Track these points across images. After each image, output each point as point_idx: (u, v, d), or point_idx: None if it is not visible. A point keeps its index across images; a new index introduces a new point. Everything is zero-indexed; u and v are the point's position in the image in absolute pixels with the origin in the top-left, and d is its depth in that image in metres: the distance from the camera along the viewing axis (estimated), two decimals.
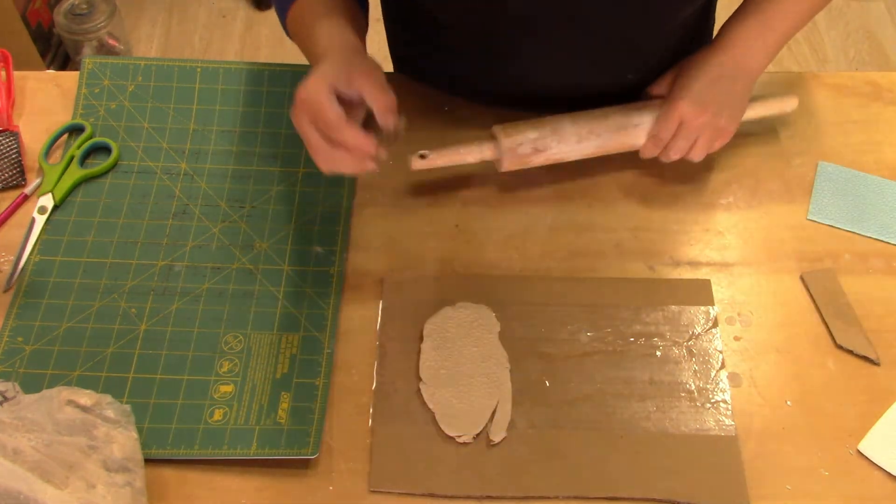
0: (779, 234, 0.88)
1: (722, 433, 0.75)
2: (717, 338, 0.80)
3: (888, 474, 0.73)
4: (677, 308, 0.82)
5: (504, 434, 0.74)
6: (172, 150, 0.91)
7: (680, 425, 0.75)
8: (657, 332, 0.80)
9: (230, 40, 2.24)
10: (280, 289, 0.82)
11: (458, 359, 0.78)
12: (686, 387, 0.77)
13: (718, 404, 0.76)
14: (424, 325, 0.80)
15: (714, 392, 0.77)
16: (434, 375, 0.77)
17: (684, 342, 0.80)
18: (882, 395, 0.77)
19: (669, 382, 0.77)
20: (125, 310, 0.81)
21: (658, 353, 0.79)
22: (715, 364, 0.79)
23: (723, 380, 0.78)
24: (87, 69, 0.95)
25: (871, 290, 0.84)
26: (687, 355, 0.79)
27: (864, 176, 0.92)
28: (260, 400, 0.76)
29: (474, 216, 0.88)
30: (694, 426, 0.75)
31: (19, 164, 0.90)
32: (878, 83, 1.00)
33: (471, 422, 0.74)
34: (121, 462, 0.67)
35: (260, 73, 0.96)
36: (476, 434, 0.74)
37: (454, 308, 0.81)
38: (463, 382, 0.76)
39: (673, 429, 0.75)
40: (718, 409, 0.76)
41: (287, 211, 0.88)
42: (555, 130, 0.85)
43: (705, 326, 0.81)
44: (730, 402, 0.76)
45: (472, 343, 0.79)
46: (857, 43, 2.25)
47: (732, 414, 0.76)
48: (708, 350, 0.79)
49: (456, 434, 0.74)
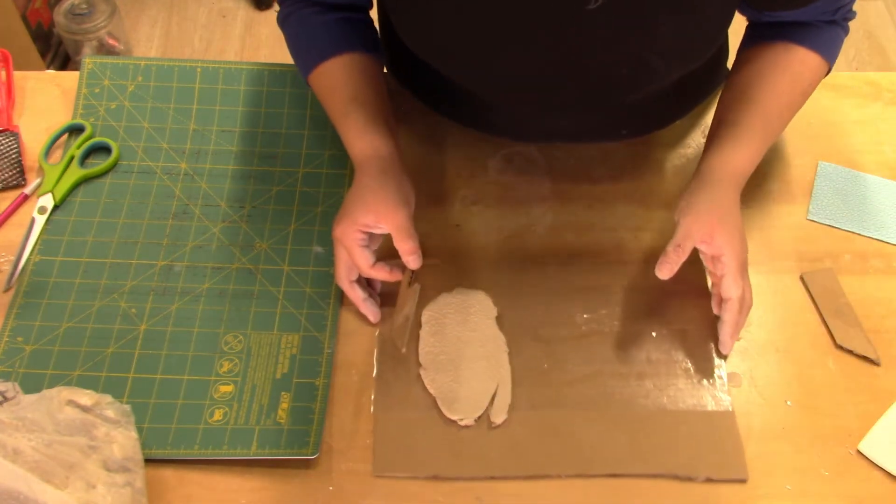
0: (779, 234, 0.88)
1: (719, 408, 0.76)
2: (711, 316, 0.81)
3: (888, 474, 0.73)
4: (671, 287, 0.82)
5: (505, 416, 0.75)
6: (172, 150, 0.91)
7: (677, 402, 0.76)
8: (652, 312, 0.81)
9: (230, 40, 2.24)
10: (280, 289, 0.82)
11: (456, 344, 0.79)
12: (682, 365, 0.78)
13: (715, 381, 0.78)
14: (422, 312, 0.81)
15: (710, 369, 0.79)
16: (433, 361, 0.78)
17: (679, 321, 0.81)
18: (882, 395, 0.77)
19: (666, 361, 0.79)
20: (125, 310, 0.80)
21: (654, 333, 0.80)
22: (709, 341, 0.80)
23: (717, 356, 0.79)
24: (87, 69, 0.95)
25: (871, 290, 0.84)
26: (682, 334, 0.80)
27: (864, 176, 0.92)
28: (260, 400, 0.76)
29: (474, 216, 0.88)
30: (691, 402, 0.76)
31: (19, 164, 0.90)
32: (878, 83, 1.00)
33: (472, 405, 0.75)
34: (121, 462, 0.67)
35: (260, 73, 0.96)
36: (477, 417, 0.75)
37: (451, 294, 0.82)
38: (462, 367, 0.77)
39: (671, 405, 0.76)
40: (715, 385, 0.77)
41: (287, 211, 0.88)
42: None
43: (700, 304, 0.82)
44: (725, 379, 0.78)
45: (471, 328, 0.80)
46: (857, 43, 2.25)
47: (728, 389, 0.77)
48: (702, 328, 0.81)
49: (457, 417, 0.75)
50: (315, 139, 0.92)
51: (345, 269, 0.79)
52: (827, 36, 0.82)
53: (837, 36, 0.83)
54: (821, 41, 0.82)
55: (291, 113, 0.94)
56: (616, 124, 0.92)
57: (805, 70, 0.82)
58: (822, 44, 0.82)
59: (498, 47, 0.75)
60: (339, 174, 0.90)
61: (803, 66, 0.82)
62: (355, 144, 0.81)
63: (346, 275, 0.79)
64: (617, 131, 0.92)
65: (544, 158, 0.92)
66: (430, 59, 0.80)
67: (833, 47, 0.83)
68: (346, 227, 0.77)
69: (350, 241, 0.77)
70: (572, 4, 0.68)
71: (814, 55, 0.81)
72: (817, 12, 0.79)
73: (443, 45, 0.77)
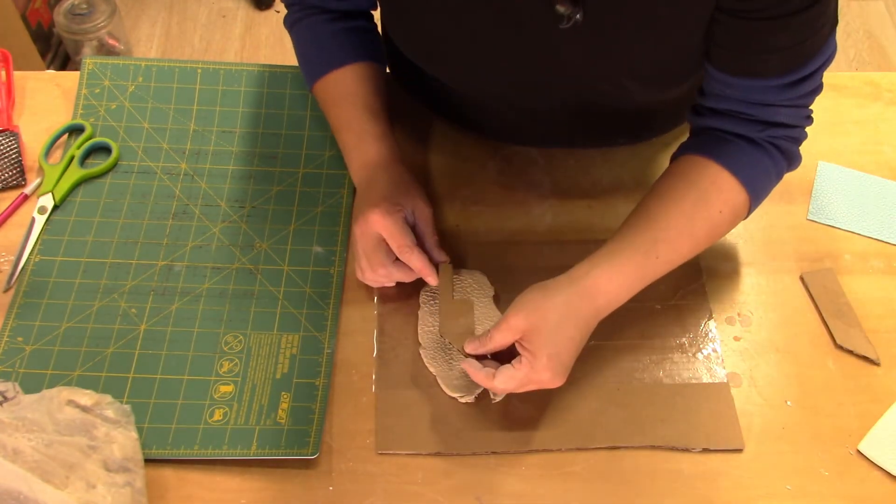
0: (779, 234, 0.88)
1: (714, 380, 0.77)
2: (703, 291, 0.82)
3: (888, 474, 0.73)
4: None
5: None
6: (172, 151, 0.91)
7: (673, 375, 0.78)
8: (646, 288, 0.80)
9: (230, 40, 2.24)
10: (280, 289, 0.82)
11: None
12: (677, 339, 0.80)
13: (709, 354, 0.79)
14: (420, 293, 0.82)
15: (704, 342, 0.80)
16: (433, 340, 0.79)
17: (673, 296, 0.82)
18: (882, 395, 0.77)
19: (661, 335, 0.80)
20: (125, 310, 0.80)
21: (647, 309, 0.81)
22: (703, 316, 0.81)
23: (712, 330, 0.81)
24: (87, 69, 0.95)
25: (871, 290, 0.84)
26: (676, 309, 0.82)
27: (864, 176, 0.92)
28: (260, 400, 0.76)
29: (474, 216, 0.88)
30: (686, 375, 0.78)
31: (19, 164, 0.90)
32: (878, 83, 1.00)
33: (471, 382, 0.76)
34: (121, 462, 0.67)
35: (260, 74, 0.96)
36: (477, 394, 0.76)
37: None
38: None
39: (667, 379, 0.78)
40: (710, 358, 0.79)
41: (287, 211, 0.88)
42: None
43: (692, 279, 0.83)
44: (720, 352, 0.79)
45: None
46: (857, 43, 2.25)
47: (722, 362, 0.78)
48: (696, 303, 0.82)
49: (458, 395, 0.75)
50: (315, 140, 0.92)
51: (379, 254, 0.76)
52: (747, 159, 0.73)
53: (762, 160, 0.73)
54: (737, 161, 0.72)
55: (291, 114, 0.94)
56: (612, 133, 0.92)
57: (714, 191, 0.73)
58: (737, 163, 0.72)
59: (480, 57, 0.76)
60: (339, 174, 0.90)
61: (713, 187, 0.73)
62: (370, 149, 0.82)
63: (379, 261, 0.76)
64: (614, 139, 0.93)
65: (544, 158, 0.92)
66: (421, 64, 0.81)
67: (755, 170, 0.73)
68: (387, 208, 0.76)
69: (393, 219, 0.76)
70: (545, 23, 0.69)
71: (728, 176, 0.72)
72: (748, 94, 0.71)
73: (431, 51, 0.79)
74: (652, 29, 0.70)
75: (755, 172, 0.73)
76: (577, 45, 0.71)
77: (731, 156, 0.73)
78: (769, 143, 0.73)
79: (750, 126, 0.73)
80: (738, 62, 0.69)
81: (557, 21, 0.68)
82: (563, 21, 0.68)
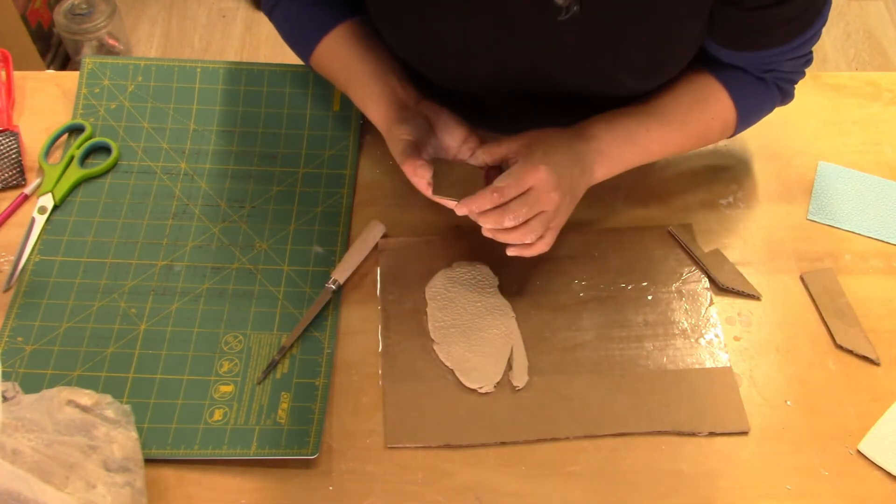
0: (779, 234, 0.88)
1: (717, 365, 0.78)
2: (703, 278, 0.83)
3: (888, 474, 0.73)
4: (662, 252, 0.85)
5: (526, 378, 0.77)
6: (172, 150, 0.91)
7: (677, 361, 0.79)
8: (646, 277, 0.83)
9: (230, 40, 2.24)
10: (280, 289, 0.82)
11: (464, 315, 0.80)
12: (679, 325, 0.81)
13: (711, 340, 0.80)
14: (426, 290, 0.82)
15: (706, 328, 0.80)
16: (446, 334, 0.79)
17: (673, 284, 0.83)
18: (882, 395, 0.77)
19: (663, 322, 0.81)
20: (125, 310, 0.80)
21: (649, 296, 0.82)
22: (704, 302, 0.82)
23: (713, 316, 0.81)
24: (87, 69, 0.95)
25: (871, 290, 0.84)
26: (677, 296, 0.82)
27: (864, 176, 0.92)
28: (260, 400, 0.76)
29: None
30: (690, 361, 0.79)
31: (19, 164, 0.90)
32: (878, 83, 1.00)
33: (489, 372, 0.77)
34: (121, 462, 0.67)
35: (260, 74, 0.96)
36: (496, 383, 0.76)
37: (451, 269, 0.84)
38: (474, 337, 0.79)
39: (671, 365, 0.78)
40: (712, 343, 0.80)
41: (287, 211, 0.88)
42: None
43: (692, 268, 0.84)
44: (722, 337, 0.80)
45: (475, 299, 0.81)
46: (857, 43, 2.25)
47: (725, 346, 0.79)
48: (696, 289, 0.83)
49: (477, 386, 0.76)
50: (315, 139, 0.92)
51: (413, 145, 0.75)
52: (750, 89, 0.80)
53: (760, 92, 0.81)
54: (739, 87, 0.80)
55: (291, 113, 0.94)
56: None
57: (712, 101, 0.80)
58: (739, 89, 0.80)
59: (470, 53, 0.76)
60: (339, 174, 0.90)
61: (711, 97, 0.80)
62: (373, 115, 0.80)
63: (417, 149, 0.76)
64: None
65: None
66: (411, 62, 0.81)
67: (749, 99, 0.81)
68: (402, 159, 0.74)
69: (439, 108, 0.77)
70: (543, 14, 0.69)
71: (725, 95, 0.80)
72: (752, 62, 0.79)
73: (419, 50, 0.78)
74: (649, 21, 0.71)
75: (750, 101, 0.81)
76: (572, 40, 0.71)
77: (732, 80, 0.80)
78: (773, 82, 0.81)
79: (756, 66, 0.80)
80: (742, 41, 0.75)
81: (555, 13, 0.68)
82: (561, 13, 0.68)
